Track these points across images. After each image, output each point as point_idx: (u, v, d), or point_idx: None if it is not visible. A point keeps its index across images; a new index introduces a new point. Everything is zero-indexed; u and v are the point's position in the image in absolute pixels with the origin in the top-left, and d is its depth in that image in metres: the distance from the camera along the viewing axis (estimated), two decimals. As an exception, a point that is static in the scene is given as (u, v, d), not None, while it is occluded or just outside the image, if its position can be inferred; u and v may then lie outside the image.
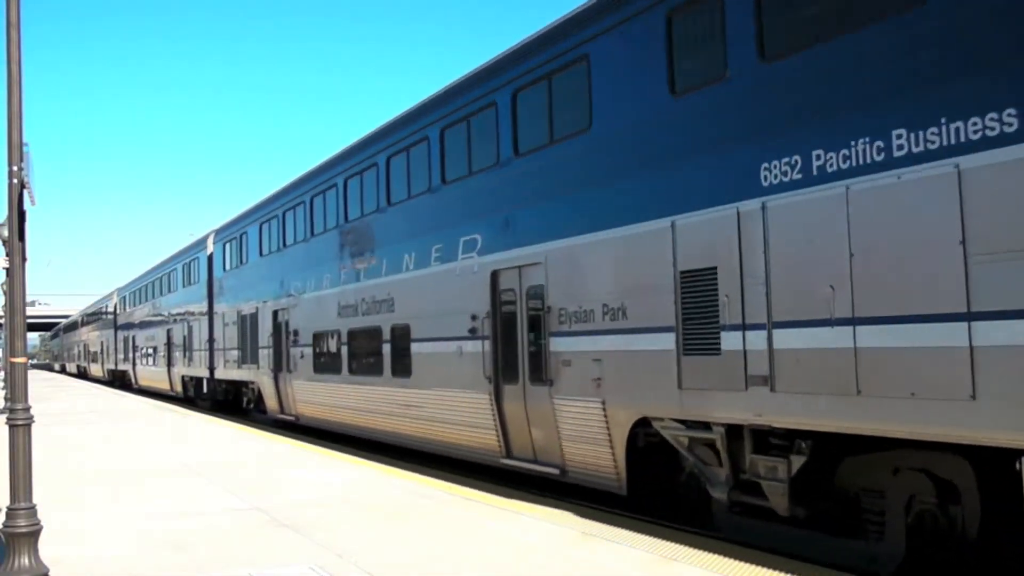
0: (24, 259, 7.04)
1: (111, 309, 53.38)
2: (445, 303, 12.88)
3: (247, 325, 22.88)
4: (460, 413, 12.61)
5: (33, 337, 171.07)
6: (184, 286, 32.01)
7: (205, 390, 28.67)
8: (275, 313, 20.61)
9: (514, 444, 11.61)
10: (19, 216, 6.92)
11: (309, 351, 18.39)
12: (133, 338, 44.51)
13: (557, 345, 10.38)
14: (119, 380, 49.95)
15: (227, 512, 9.93)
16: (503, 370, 11.65)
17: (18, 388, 6.87)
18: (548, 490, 11.42)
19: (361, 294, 15.85)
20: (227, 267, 25.81)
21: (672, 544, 7.92)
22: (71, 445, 17.27)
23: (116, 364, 51.20)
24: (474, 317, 12.06)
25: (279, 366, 20.19)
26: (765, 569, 7.07)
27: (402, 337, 14.20)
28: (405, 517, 9.39)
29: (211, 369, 27.29)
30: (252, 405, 24.06)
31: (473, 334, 12.12)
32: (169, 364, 34.74)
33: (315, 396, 18.25)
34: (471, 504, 10.12)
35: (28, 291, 7.25)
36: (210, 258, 27.92)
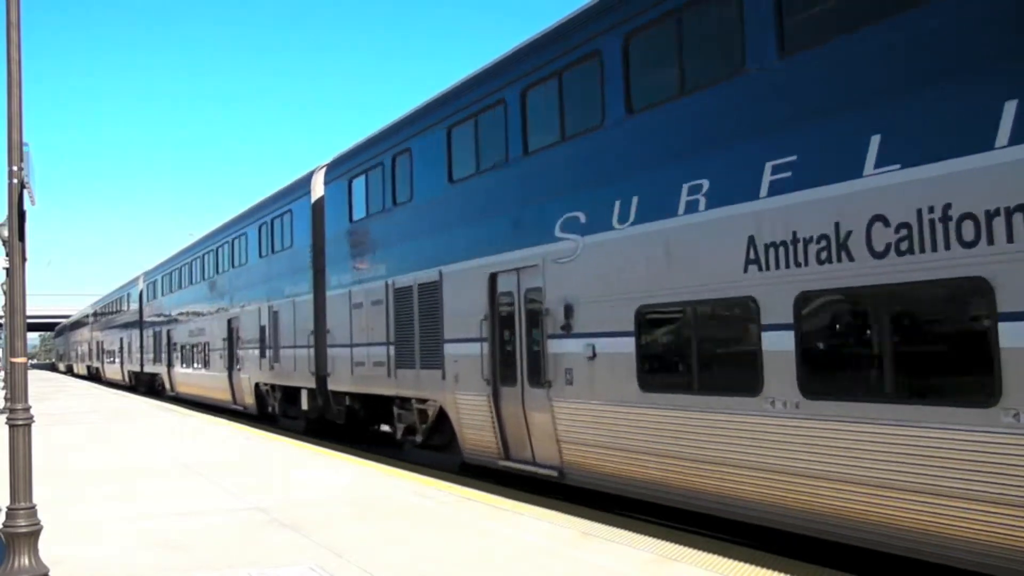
0: (24, 259, 7.04)
1: (134, 298, 44.40)
2: None
3: (413, 306, 14.33)
4: None
5: (33, 337, 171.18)
6: (263, 255, 23.05)
7: (304, 405, 19.78)
8: (516, 278, 11.75)
9: None
10: (19, 216, 6.92)
11: (624, 347, 9.75)
12: (168, 332, 35.46)
13: None
14: (145, 385, 42.23)
15: (227, 512, 9.93)
16: None
17: (18, 388, 6.87)
18: (548, 490, 11.42)
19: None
20: (354, 216, 16.80)
21: (672, 544, 7.92)
22: (70, 444, 17.27)
23: (141, 365, 42.42)
24: None
25: (512, 376, 11.85)
26: (765, 569, 7.07)
27: None
28: (405, 517, 9.40)
29: (320, 375, 18.46)
30: (419, 437, 14.62)
31: None
32: (231, 366, 25.75)
33: (636, 434, 9.58)
34: (471, 504, 10.12)
35: (28, 291, 7.25)
36: (318, 206, 19.14)
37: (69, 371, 76.79)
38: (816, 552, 7.95)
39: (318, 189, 19.25)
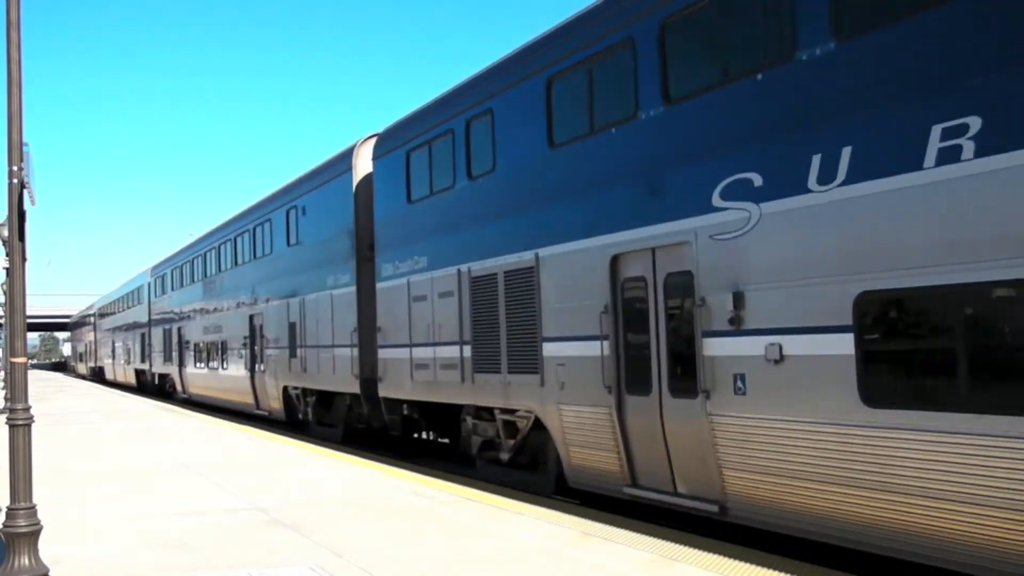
0: (24, 259, 7.04)
1: (142, 294, 41.68)
2: None
3: (498, 298, 11.86)
4: None
5: (33, 337, 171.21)
6: (292, 243, 20.43)
7: (345, 412, 17.83)
8: (651, 260, 9.42)
9: None
10: (19, 216, 6.92)
11: (832, 346, 7.52)
12: (180, 330, 32.82)
13: None
14: (152, 386, 39.58)
15: (227, 512, 9.93)
16: None
17: (18, 388, 6.87)
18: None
19: None
20: (414, 194, 14.23)
21: (672, 544, 7.92)
22: (70, 444, 17.28)
23: (150, 364, 39.63)
24: None
25: (644, 382, 9.45)
26: (765, 569, 7.07)
27: None
28: (405, 517, 9.40)
29: (365, 379, 16.02)
30: (505, 455, 12.26)
31: None
32: (254, 367, 23.30)
33: (854, 462, 7.29)
34: (471, 504, 10.12)
35: (28, 291, 7.25)
36: (363, 185, 16.51)
37: (97, 376, 62.35)
38: (816, 552, 7.95)
39: (363, 165, 16.61)
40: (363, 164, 16.68)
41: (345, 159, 17.41)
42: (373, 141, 16.19)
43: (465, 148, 12.73)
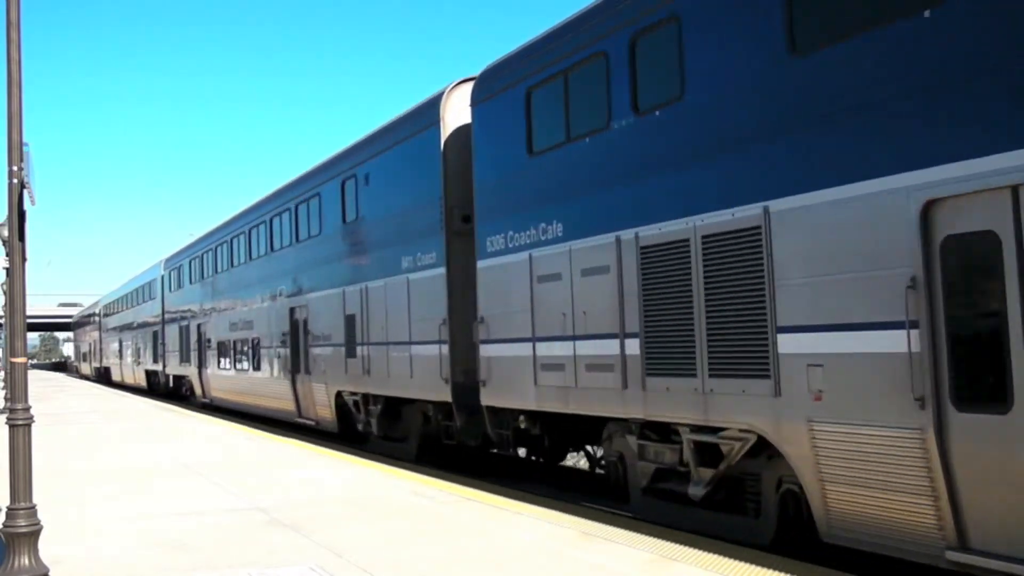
0: (24, 259, 7.05)
1: (155, 288, 38.32)
2: None
3: (693, 272, 8.67)
4: None
5: (33, 337, 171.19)
6: (350, 220, 16.88)
7: (422, 422, 14.85)
8: (1011, 203, 6.11)
9: None
10: (19, 216, 6.92)
11: None
12: (200, 327, 29.55)
13: None
14: (164, 388, 36.78)
15: (227, 512, 9.93)
16: None
17: (18, 388, 6.87)
18: (548, 490, 11.42)
19: None
20: (537, 144, 11.16)
21: (672, 544, 7.92)
22: (70, 444, 17.28)
23: (163, 364, 36.51)
24: None
25: (993, 391, 6.29)
26: (765, 569, 7.07)
27: None
28: (405, 517, 9.40)
29: (459, 383, 12.97)
30: (700, 490, 8.90)
31: None
32: (295, 369, 19.85)
33: None
34: (471, 504, 10.12)
35: (28, 291, 7.26)
36: (456, 139, 13.43)
37: (102, 377, 58.76)
38: (816, 552, 7.95)
39: (456, 114, 13.53)
40: (455, 114, 13.57)
41: (429, 111, 14.11)
42: (468, 86, 13.19)
43: (629, 72, 9.48)
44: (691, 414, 8.68)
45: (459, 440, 13.31)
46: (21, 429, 6.80)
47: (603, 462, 10.97)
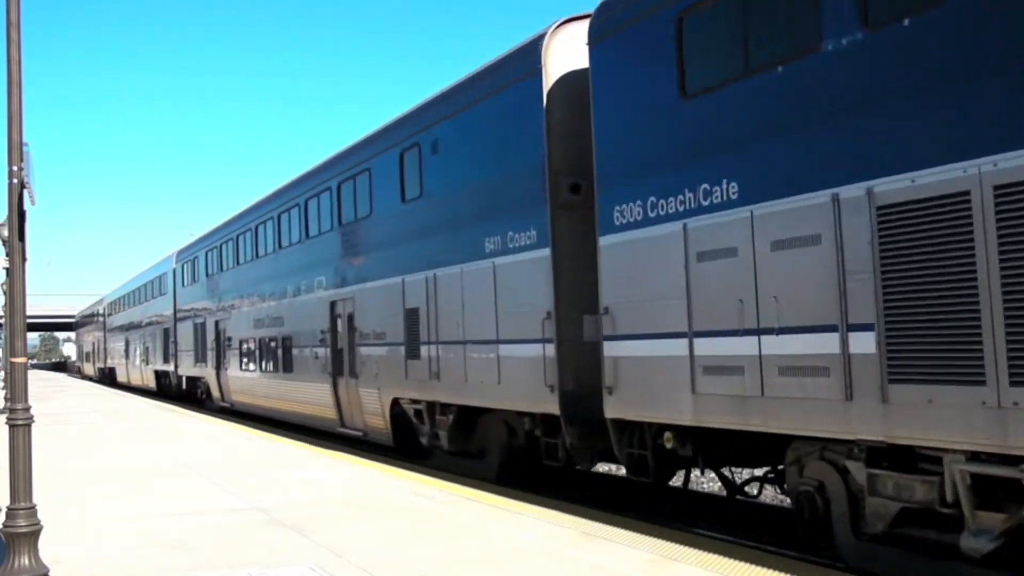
0: (24, 259, 7.05)
1: (166, 282, 35.47)
2: None
3: (980, 237, 5.95)
4: None
5: (33, 337, 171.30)
6: (410, 197, 14.31)
7: (508, 436, 12.58)
8: None
9: None
10: (19, 216, 6.92)
11: None
12: (218, 324, 26.54)
13: None
14: (176, 390, 34.14)
15: (227, 512, 9.93)
16: None
17: (18, 388, 6.87)
18: (548, 490, 11.42)
19: None
20: (691, 84, 8.64)
21: (672, 544, 7.91)
22: (70, 444, 17.29)
23: (176, 365, 33.94)
24: None
25: None
26: (765, 569, 7.06)
27: None
28: (405, 517, 9.40)
29: (568, 392, 10.56)
30: (985, 543, 6.12)
31: None
32: (338, 371, 17.32)
33: None
34: (471, 504, 10.12)
35: (28, 291, 7.26)
36: (566, 90, 10.91)
37: (106, 378, 55.09)
38: (815, 552, 7.95)
39: (561, 62, 11.00)
40: (562, 59, 11.06)
41: (525, 58, 11.43)
42: (575, 26, 11.03)
43: None
44: (973, 437, 6.14)
45: (565, 460, 11.03)
46: (21, 429, 6.80)
47: (785, 491, 8.75)
